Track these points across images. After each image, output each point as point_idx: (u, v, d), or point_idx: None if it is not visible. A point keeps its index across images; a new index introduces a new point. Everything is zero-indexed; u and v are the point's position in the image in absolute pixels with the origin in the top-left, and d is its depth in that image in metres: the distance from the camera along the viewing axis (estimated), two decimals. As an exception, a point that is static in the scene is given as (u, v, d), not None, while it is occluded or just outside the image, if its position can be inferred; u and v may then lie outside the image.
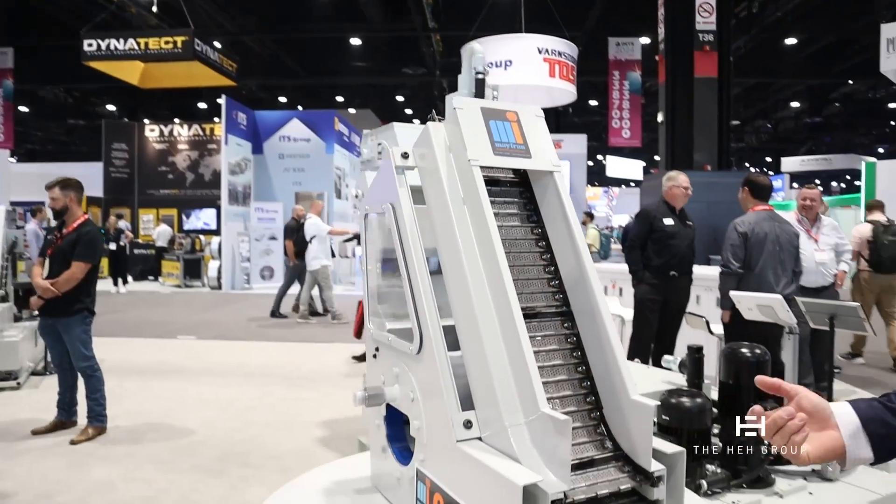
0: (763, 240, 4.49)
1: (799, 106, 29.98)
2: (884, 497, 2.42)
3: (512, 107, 1.48)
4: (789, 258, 4.59)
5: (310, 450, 4.17)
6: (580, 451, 1.21)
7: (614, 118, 22.25)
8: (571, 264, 1.40)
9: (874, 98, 26.79)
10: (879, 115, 30.20)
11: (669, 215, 5.14)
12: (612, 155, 29.16)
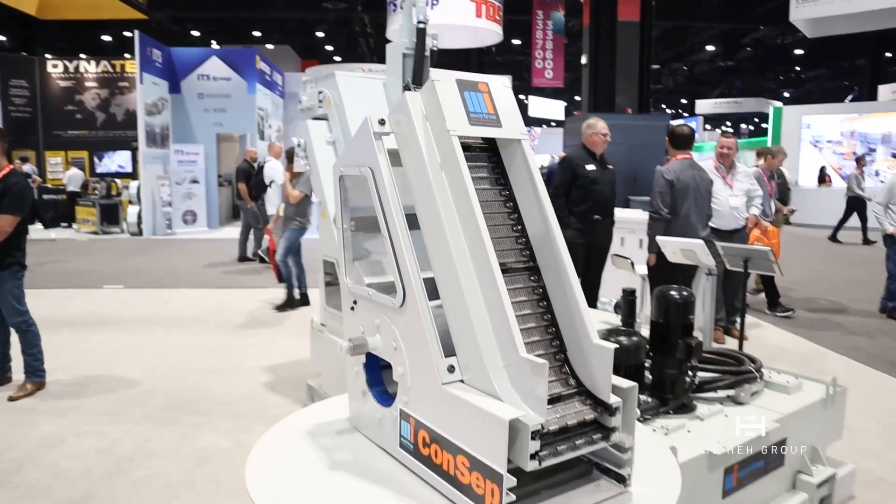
0: (687, 187, 4.83)
1: (713, 50, 30.91)
2: (785, 415, 2.76)
3: (482, 78, 1.60)
4: (706, 204, 4.95)
5: (259, 395, 4.28)
6: (549, 389, 1.39)
7: (537, 58, 22.39)
8: (538, 224, 1.56)
9: (782, 44, 27.97)
10: (787, 60, 31.55)
11: (591, 161, 5.40)
12: (534, 95, 29.42)
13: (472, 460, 1.32)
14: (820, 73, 34.03)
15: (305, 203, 6.47)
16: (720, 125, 46.38)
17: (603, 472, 1.50)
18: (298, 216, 6.52)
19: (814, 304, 7.43)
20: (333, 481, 1.51)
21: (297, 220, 6.53)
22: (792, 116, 20.04)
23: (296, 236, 6.59)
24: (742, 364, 3.04)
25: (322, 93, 4.02)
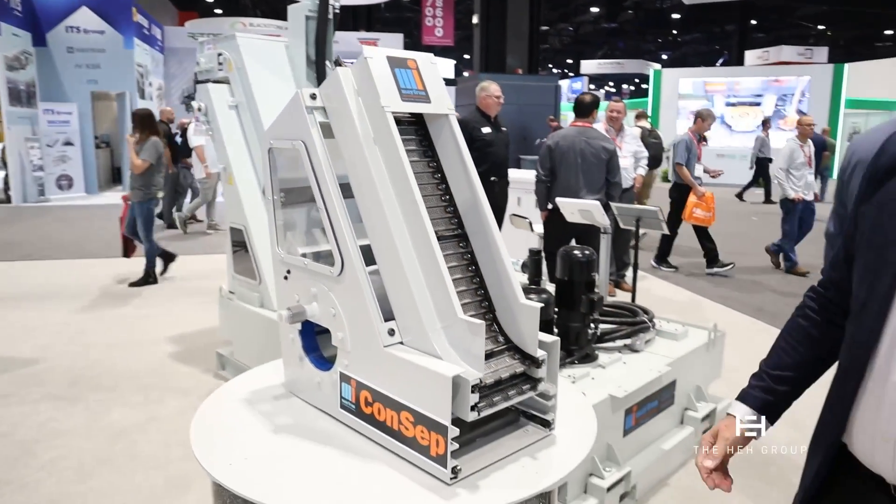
0: (566, 152, 5.06)
1: (597, 11, 31.82)
2: (675, 360, 3.06)
3: (411, 55, 1.66)
4: (596, 170, 5.09)
5: (165, 367, 4.19)
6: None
7: (427, 16, 22.25)
8: (465, 193, 1.66)
9: (661, 7, 29.20)
10: (665, 24, 33.01)
11: (486, 124, 5.56)
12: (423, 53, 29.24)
13: (416, 415, 1.43)
14: (695, 36, 35.86)
15: (151, 173, 5.99)
16: (604, 85, 48.10)
17: (529, 419, 1.66)
18: (143, 186, 6.00)
19: (692, 256, 8.05)
20: (279, 444, 1.58)
21: (142, 191, 6.00)
22: (670, 78, 21.14)
23: (148, 210, 6.09)
24: (637, 315, 3.33)
25: (222, 55, 3.90)
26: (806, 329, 1.32)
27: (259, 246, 3.67)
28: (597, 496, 2.55)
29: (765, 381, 1.34)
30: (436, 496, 1.36)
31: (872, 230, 1.09)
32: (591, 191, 5.04)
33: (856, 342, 1.11)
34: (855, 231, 1.15)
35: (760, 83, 20.09)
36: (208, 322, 4.97)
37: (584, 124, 5.15)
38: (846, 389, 1.12)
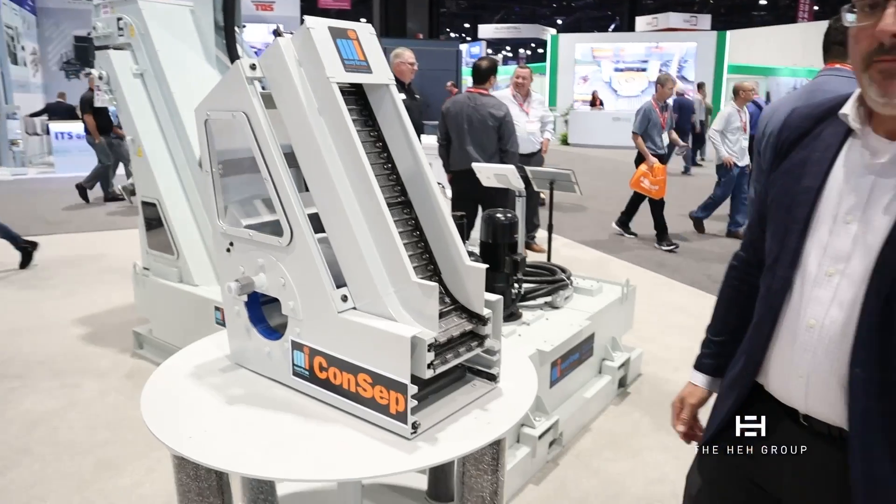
0: (455, 117, 5.18)
1: (494, -25, 31.91)
2: (592, 314, 3.26)
3: (350, 25, 1.67)
4: (484, 136, 5.12)
5: (78, 350, 4.02)
6: (433, 308, 1.59)
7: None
8: (408, 162, 1.71)
9: (556, -28, 29.66)
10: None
11: (400, 90, 5.57)
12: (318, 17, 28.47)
13: (374, 376, 1.49)
14: (587, 1, 36.78)
15: None
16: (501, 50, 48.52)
17: (475, 374, 1.75)
18: None
19: (604, 218, 8.43)
20: (237, 414, 1.60)
21: None
22: (566, 44, 21.64)
23: None
24: (555, 274, 3.50)
25: (122, 20, 3.71)
26: (734, 297, 1.47)
27: (175, 219, 3.56)
28: (529, 444, 2.71)
29: (711, 348, 1.51)
30: (399, 451, 1.43)
31: (783, 193, 1.22)
32: (482, 156, 5.10)
33: (771, 292, 1.22)
34: (766, 196, 1.28)
35: (644, 49, 20.95)
36: (118, 301, 4.80)
37: (477, 90, 5.22)
38: (762, 335, 1.24)
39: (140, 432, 2.98)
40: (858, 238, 1.07)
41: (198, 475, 1.53)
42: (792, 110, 1.29)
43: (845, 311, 1.08)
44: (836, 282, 1.10)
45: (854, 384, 1.08)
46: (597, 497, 2.62)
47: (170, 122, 3.65)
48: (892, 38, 0.98)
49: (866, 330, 1.05)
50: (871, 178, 1.08)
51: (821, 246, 1.13)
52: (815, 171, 1.16)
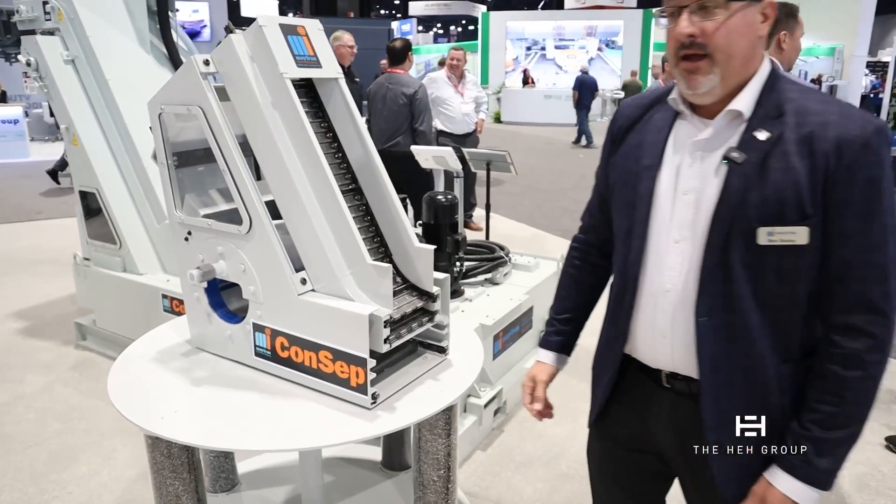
0: (373, 98, 5.35)
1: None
2: (531, 288, 3.44)
3: (299, 22, 1.75)
4: (395, 115, 5.24)
5: (16, 344, 3.95)
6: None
7: (248, -46, 21.09)
8: (358, 151, 1.81)
9: (485, -51, 29.65)
10: (488, -35, 33.54)
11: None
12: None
13: (334, 352, 1.60)
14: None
15: None
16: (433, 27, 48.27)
17: (426, 348, 1.89)
18: None
19: (537, 195, 8.66)
20: (202, 394, 1.69)
21: None
22: (498, 21, 21.79)
23: None
24: (494, 252, 3.66)
25: (49, 3, 3.63)
26: (575, 277, 1.63)
27: (116, 208, 3.55)
28: (475, 413, 2.88)
29: (555, 325, 1.67)
30: (361, 420, 1.56)
31: (625, 173, 1.36)
32: (395, 135, 5.24)
33: (628, 262, 1.34)
34: (606, 180, 1.44)
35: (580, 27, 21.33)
36: (55, 293, 4.72)
37: (394, 70, 5.36)
38: (625, 304, 1.36)
39: (93, 422, 3.02)
40: (697, 206, 1.23)
41: (171, 453, 1.62)
42: (622, 103, 1.48)
43: (695, 271, 1.23)
44: (683, 247, 1.25)
45: (701, 332, 1.23)
46: (540, 459, 2.82)
47: (105, 110, 3.61)
48: (687, 37, 1.17)
49: (707, 282, 1.21)
50: (699, 153, 1.24)
51: (666, 218, 1.28)
52: (651, 151, 1.31)
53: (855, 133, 1.12)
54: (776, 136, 1.16)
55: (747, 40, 1.18)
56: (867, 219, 1.14)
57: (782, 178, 1.15)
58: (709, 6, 1.15)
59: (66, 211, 7.60)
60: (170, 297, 3.33)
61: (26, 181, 9.70)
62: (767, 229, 1.16)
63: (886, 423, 3.07)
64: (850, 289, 1.17)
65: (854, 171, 1.12)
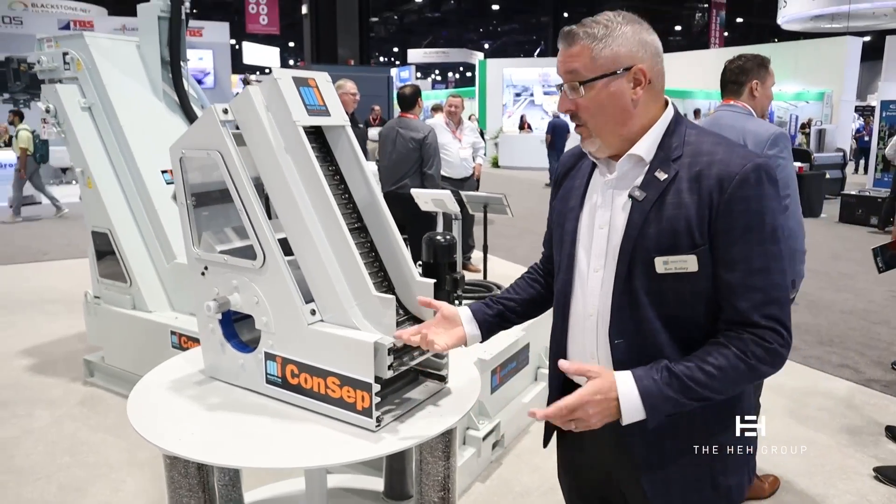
0: (385, 141, 5.54)
1: (421, 1, 32.61)
2: (527, 325, 3.55)
3: (310, 74, 1.91)
4: (405, 159, 5.44)
5: (25, 381, 4.04)
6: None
7: (251, 3, 21.71)
8: (363, 192, 1.95)
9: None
10: (485, 14, 34.55)
11: None
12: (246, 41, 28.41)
13: (342, 378, 1.72)
14: (513, 27, 37.95)
15: None
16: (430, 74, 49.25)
17: (427, 377, 2.00)
18: None
19: (533, 237, 8.82)
20: (218, 418, 1.79)
21: None
22: (495, 68, 22.32)
23: None
24: (492, 290, 3.79)
25: (69, 54, 3.83)
26: (521, 284, 1.78)
27: (127, 248, 3.68)
28: (474, 445, 2.96)
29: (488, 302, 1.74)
30: (367, 441, 1.66)
31: (559, 214, 1.52)
32: (396, 177, 5.43)
33: (560, 292, 1.49)
34: (551, 218, 1.59)
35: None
36: (61, 332, 4.82)
37: (404, 115, 5.57)
38: (559, 326, 1.50)
39: (101, 455, 3.10)
40: (609, 238, 1.37)
41: (188, 472, 1.72)
42: (564, 153, 1.65)
43: (608, 297, 1.36)
44: (601, 275, 1.39)
45: (616, 353, 1.35)
46: (537, 490, 2.90)
47: (119, 154, 3.78)
48: (565, 112, 1.37)
49: (617, 307, 1.34)
50: (611, 191, 1.39)
51: (586, 249, 1.43)
52: (576, 194, 1.48)
53: (734, 170, 1.25)
54: (672, 175, 1.30)
55: (616, 108, 1.32)
56: (748, 246, 1.25)
57: (675, 213, 1.28)
58: (574, 86, 1.32)
59: (71, 252, 7.77)
60: (178, 334, 3.44)
61: (32, 223, 9.87)
62: (663, 258, 1.28)
63: (874, 454, 3.15)
64: (738, 308, 1.26)
65: (733, 203, 1.24)
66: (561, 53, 1.35)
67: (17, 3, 18.83)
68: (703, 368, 1.26)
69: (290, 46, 39.63)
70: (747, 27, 33.21)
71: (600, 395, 1.26)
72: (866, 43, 22.53)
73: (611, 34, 1.31)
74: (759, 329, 1.26)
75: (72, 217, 10.13)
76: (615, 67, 1.31)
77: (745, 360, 1.25)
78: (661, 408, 1.27)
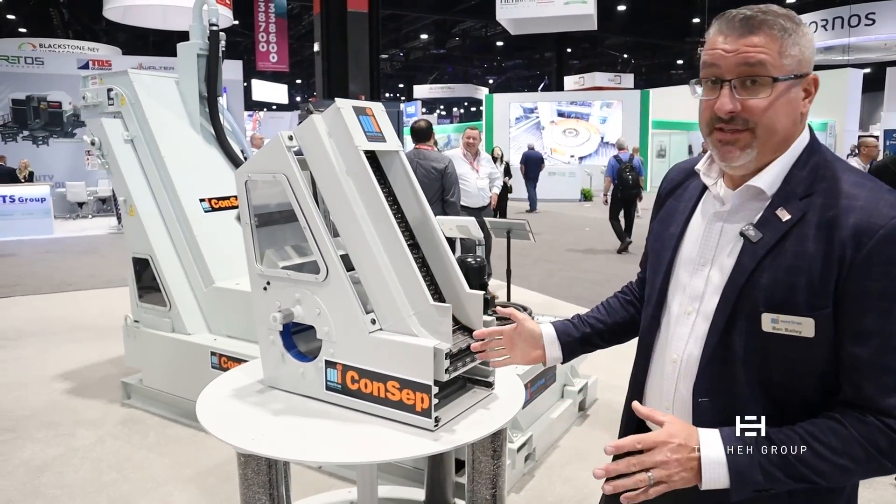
0: None
1: (427, 38, 33.26)
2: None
3: (368, 104, 2.09)
4: (426, 188, 5.39)
5: (64, 403, 4.16)
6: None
7: (261, 42, 22.22)
8: (416, 212, 2.10)
9: (486, 35, 31.22)
10: (490, 50, 35.19)
11: None
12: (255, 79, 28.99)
13: (401, 382, 1.85)
14: (517, 62, 38.56)
15: None
16: (436, 109, 49.92)
17: (474, 384, 2.13)
18: None
19: (548, 266, 8.96)
20: (284, 422, 1.92)
21: None
22: (501, 102, 22.72)
23: None
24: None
25: (113, 90, 4.04)
26: (612, 304, 1.61)
27: (168, 273, 3.83)
28: (509, 457, 3.07)
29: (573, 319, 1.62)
30: (426, 439, 1.79)
31: (656, 239, 1.35)
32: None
33: (644, 327, 1.34)
34: (649, 238, 1.41)
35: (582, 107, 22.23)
36: (94, 357, 4.96)
37: (420, 146, 5.77)
38: (640, 369, 1.34)
39: (146, 472, 3.21)
40: (710, 279, 1.18)
41: (259, 469, 1.84)
42: (674, 166, 1.45)
43: (699, 347, 1.18)
44: (693, 319, 1.20)
45: (697, 412, 1.17)
46: (571, 499, 2.99)
47: (160, 183, 3.95)
48: (727, 114, 1.11)
49: (708, 361, 1.16)
50: (720, 224, 1.20)
51: (681, 287, 1.24)
52: (679, 220, 1.29)
53: (879, 221, 1.02)
54: (798, 216, 1.09)
55: (790, 118, 1.13)
56: (886, 318, 1.03)
57: (795, 264, 1.07)
58: (756, 81, 1.09)
59: (93, 283, 7.94)
60: (218, 355, 3.57)
61: (53, 255, 10.07)
62: (773, 315, 1.08)
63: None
64: (863, 391, 1.05)
65: (873, 263, 1.02)
66: (731, 41, 1.10)
67: (26, 44, 19.38)
68: (811, 444, 1.04)
69: (297, 83, 40.36)
70: (748, 60, 33.71)
71: (679, 439, 1.07)
72: (867, 75, 22.91)
73: (799, 30, 1.11)
74: (888, 418, 1.03)
75: (93, 250, 10.34)
76: (799, 70, 1.11)
77: (865, 448, 1.02)
78: (749, 477, 1.04)
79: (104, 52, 21.46)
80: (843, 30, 20.26)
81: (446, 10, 26.79)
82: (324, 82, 17.91)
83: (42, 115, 16.20)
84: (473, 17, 27.48)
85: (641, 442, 1.08)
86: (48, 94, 16.27)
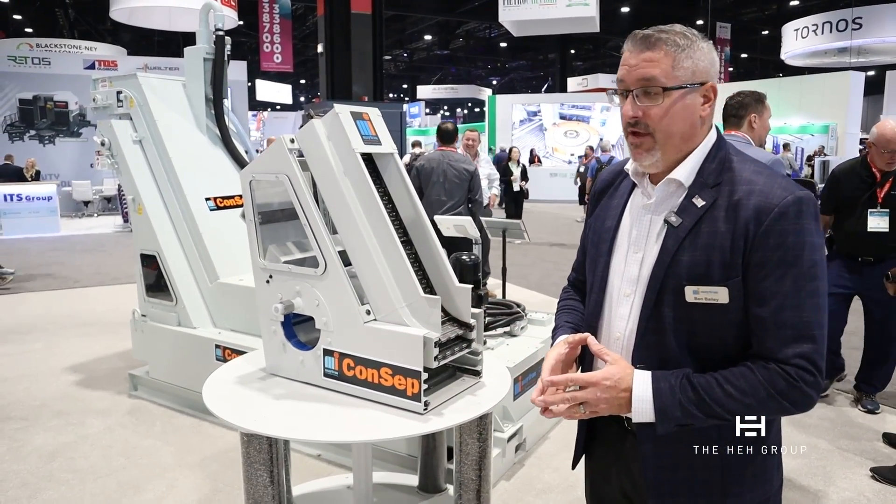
0: (430, 172, 5.84)
1: (431, 39, 33.40)
2: (544, 339, 3.81)
3: (364, 109, 2.22)
4: (457, 188, 5.82)
5: (74, 394, 4.31)
6: (433, 318, 2.10)
7: (265, 42, 22.40)
8: (409, 211, 2.24)
9: (490, 36, 31.36)
10: (493, 51, 35.31)
11: None
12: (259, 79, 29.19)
13: (393, 368, 1.99)
14: (520, 63, 38.69)
15: None
16: (440, 109, 50.05)
17: (463, 372, 2.27)
18: None
19: (546, 266, 9.09)
20: (285, 405, 2.06)
21: None
22: (504, 103, 22.85)
23: None
24: (512, 308, 4.06)
25: (122, 93, 4.18)
26: (570, 304, 1.70)
27: (174, 269, 3.98)
28: (499, 446, 3.21)
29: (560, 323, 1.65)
30: (416, 421, 1.93)
31: (594, 233, 1.50)
32: (454, 206, 5.79)
33: (589, 313, 1.48)
34: (585, 238, 1.57)
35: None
36: (102, 351, 5.11)
37: (446, 148, 5.92)
38: (588, 351, 1.40)
39: (153, 458, 3.36)
40: (643, 263, 1.35)
41: (261, 448, 1.98)
42: (603, 169, 1.67)
43: (635, 322, 1.34)
44: (631, 300, 1.36)
45: None
46: (558, 487, 3.13)
47: (167, 183, 4.10)
48: (631, 118, 1.30)
49: (643, 333, 1.32)
50: (648, 216, 1.37)
51: (619, 273, 1.40)
52: (613, 214, 1.45)
53: (774, 201, 1.21)
54: (710, 202, 1.27)
55: (687, 122, 1.29)
56: (781, 281, 1.21)
57: (709, 242, 1.25)
58: (650, 92, 1.27)
59: (100, 280, 8.10)
60: (222, 347, 3.72)
61: (60, 253, 10.24)
62: (693, 287, 1.25)
63: (872, 457, 3.37)
64: (766, 346, 1.23)
65: (770, 236, 1.20)
66: (634, 56, 1.29)
67: (23, 44, 19.58)
68: (723, 387, 1.23)
69: (300, 83, 40.53)
70: (752, 63, 33.82)
71: (612, 381, 1.26)
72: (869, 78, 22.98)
73: (692, 45, 1.28)
74: (786, 365, 1.21)
75: (99, 248, 10.48)
76: (693, 80, 1.28)
77: (767, 390, 1.21)
78: (671, 413, 1.23)
79: (110, 52, 21.67)
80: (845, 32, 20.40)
81: (450, 12, 26.94)
82: (327, 83, 18.09)
83: (49, 114, 16.39)
84: (477, 18, 27.65)
85: (575, 380, 1.29)
86: (55, 93, 16.46)
